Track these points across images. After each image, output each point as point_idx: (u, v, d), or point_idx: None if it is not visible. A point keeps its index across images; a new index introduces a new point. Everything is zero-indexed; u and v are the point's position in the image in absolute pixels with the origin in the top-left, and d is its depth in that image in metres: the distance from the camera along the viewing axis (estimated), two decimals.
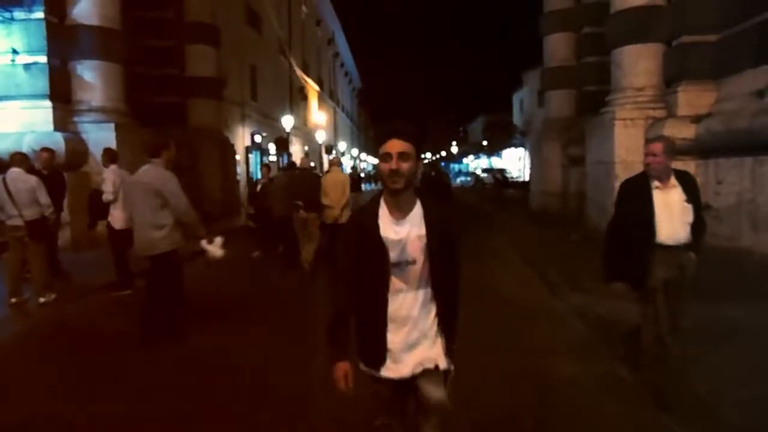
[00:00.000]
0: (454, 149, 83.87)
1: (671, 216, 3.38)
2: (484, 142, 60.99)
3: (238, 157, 18.61)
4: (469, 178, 52.05)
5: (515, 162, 49.32)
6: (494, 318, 5.46)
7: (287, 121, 23.22)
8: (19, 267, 6.14)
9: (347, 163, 45.91)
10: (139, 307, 5.00)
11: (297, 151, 29.78)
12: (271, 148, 24.88)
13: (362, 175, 41.50)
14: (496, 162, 57.01)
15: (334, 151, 39.60)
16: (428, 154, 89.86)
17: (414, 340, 2.03)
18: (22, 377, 4.25)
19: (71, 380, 4.11)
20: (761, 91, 7.12)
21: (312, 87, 35.62)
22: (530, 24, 16.76)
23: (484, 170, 49.57)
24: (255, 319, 5.78)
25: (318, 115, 36.59)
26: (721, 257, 7.34)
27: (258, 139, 22.63)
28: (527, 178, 22.47)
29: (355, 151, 56.29)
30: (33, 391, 3.95)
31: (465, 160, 77.98)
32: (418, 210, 2.02)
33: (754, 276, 6.24)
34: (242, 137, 20.67)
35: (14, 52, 9.41)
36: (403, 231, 1.98)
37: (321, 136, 34.08)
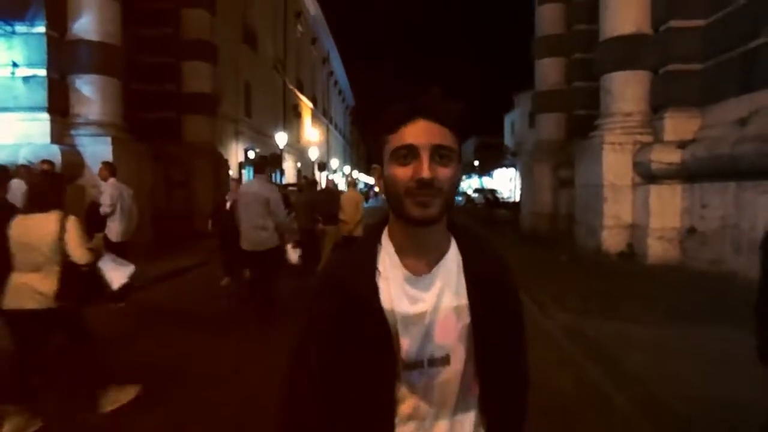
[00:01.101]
0: None
1: None
2: (476, 163, 61.59)
3: (231, 172, 18.70)
4: (460, 198, 52.43)
5: (506, 183, 49.80)
6: None
7: (281, 138, 23.43)
8: None
9: (339, 181, 46.11)
10: (248, 293, 6.42)
11: (290, 167, 29.95)
12: None
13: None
14: (488, 182, 57.53)
15: (326, 171, 39.77)
16: None
17: None
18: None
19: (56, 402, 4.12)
20: (743, 119, 7.39)
21: (306, 105, 35.94)
22: (522, 47, 17.14)
23: (476, 190, 49.99)
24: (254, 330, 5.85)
25: (311, 133, 36.89)
26: (705, 281, 7.54)
27: (251, 155, 22.77)
28: (518, 199, 22.73)
29: (347, 169, 56.54)
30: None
31: None
32: (453, 257, 1.09)
33: (736, 298, 6.42)
34: (236, 153, 20.80)
35: (14, 65, 9.51)
36: (428, 298, 1.04)
37: (314, 153, 34.30)
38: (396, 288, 1.05)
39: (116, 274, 3.80)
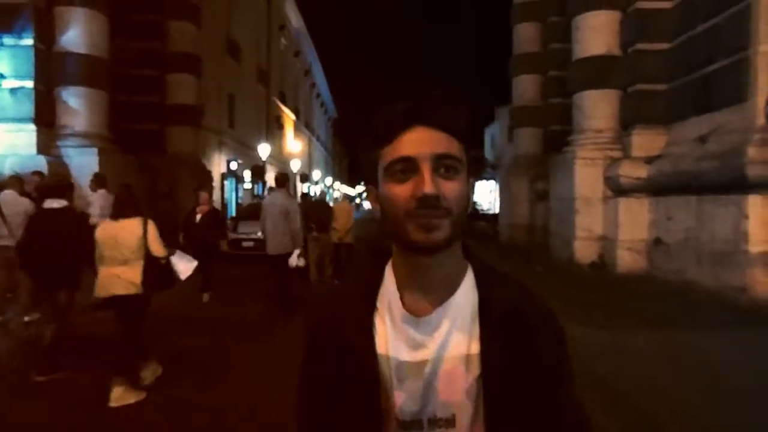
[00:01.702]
0: None
1: None
2: None
3: (214, 183, 18.80)
4: None
5: (486, 195, 50.41)
6: None
7: (263, 150, 23.61)
8: (5, 287, 6.28)
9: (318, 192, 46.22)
10: (272, 293, 7.09)
11: (272, 179, 30.06)
12: (247, 175, 25.14)
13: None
14: None
15: (308, 182, 39.94)
16: None
17: None
18: (8, 396, 4.37)
19: (59, 398, 4.22)
20: (703, 137, 7.87)
21: (288, 116, 36.15)
22: (502, 63, 17.64)
23: None
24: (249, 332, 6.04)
25: (293, 144, 37.08)
26: (670, 290, 7.95)
27: (234, 166, 22.90)
28: (497, 211, 23.15)
29: (329, 180, 56.76)
30: (19, 410, 4.05)
31: None
32: (467, 293, 0.89)
33: (698, 307, 6.83)
34: (219, 164, 20.93)
35: (2, 76, 9.63)
36: (431, 344, 0.86)
37: (296, 165, 34.46)
38: (394, 330, 0.86)
39: (184, 266, 4.53)
